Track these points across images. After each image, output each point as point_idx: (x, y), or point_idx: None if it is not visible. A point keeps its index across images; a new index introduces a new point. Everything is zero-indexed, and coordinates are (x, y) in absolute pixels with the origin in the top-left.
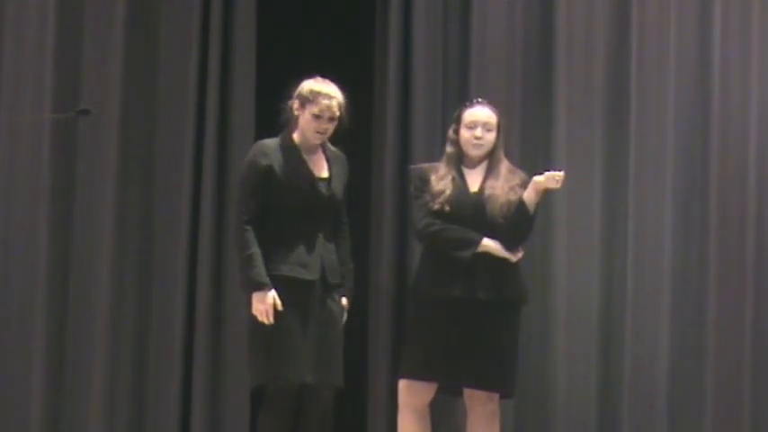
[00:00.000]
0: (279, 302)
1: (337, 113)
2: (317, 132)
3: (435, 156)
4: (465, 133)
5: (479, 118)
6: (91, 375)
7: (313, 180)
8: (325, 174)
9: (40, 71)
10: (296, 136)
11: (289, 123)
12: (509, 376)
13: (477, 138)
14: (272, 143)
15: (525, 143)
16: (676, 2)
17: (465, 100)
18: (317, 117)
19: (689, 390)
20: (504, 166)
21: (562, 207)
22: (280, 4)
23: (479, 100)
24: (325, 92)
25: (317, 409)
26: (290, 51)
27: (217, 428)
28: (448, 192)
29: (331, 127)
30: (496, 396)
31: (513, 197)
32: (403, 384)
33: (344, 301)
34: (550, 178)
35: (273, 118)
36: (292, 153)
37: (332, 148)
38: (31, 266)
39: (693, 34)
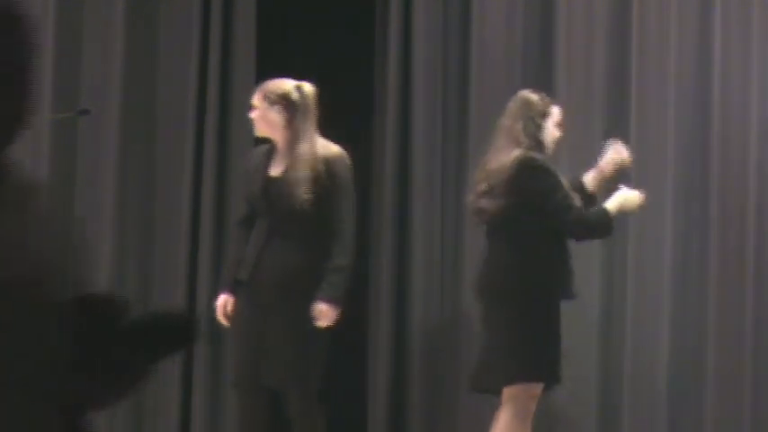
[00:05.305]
0: (228, 306)
1: (255, 102)
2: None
3: (435, 155)
4: (554, 131)
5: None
6: None
7: (264, 179)
8: (282, 174)
9: (39, 71)
10: None
11: None
12: None
13: (556, 138)
14: (260, 148)
15: None
16: (677, 2)
17: (465, 100)
18: None
19: (689, 390)
20: None
21: None
22: (280, 4)
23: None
24: None
25: (291, 413)
26: (290, 51)
27: (217, 428)
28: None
29: (254, 114)
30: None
31: None
32: (533, 390)
33: (319, 304)
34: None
35: None
36: (265, 155)
37: (329, 149)
38: None
39: (693, 34)
